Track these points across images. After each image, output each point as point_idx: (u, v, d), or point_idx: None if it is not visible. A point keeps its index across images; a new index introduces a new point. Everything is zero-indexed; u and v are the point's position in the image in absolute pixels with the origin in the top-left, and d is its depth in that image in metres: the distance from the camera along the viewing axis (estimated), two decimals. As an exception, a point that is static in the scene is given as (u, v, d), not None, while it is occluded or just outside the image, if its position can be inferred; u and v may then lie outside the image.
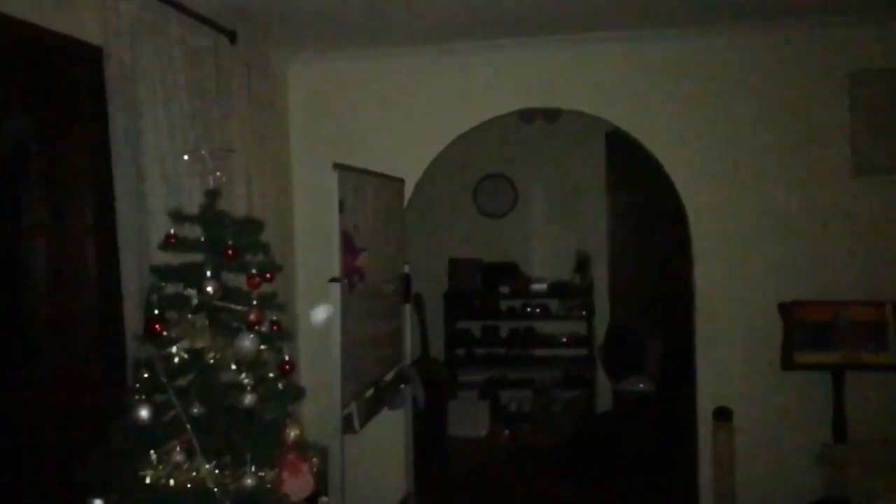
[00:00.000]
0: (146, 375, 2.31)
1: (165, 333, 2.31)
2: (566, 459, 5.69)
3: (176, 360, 2.31)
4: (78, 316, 2.82)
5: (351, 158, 3.75)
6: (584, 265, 6.66)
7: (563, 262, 6.77)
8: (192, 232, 2.53)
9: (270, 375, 2.44)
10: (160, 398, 2.30)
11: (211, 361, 2.35)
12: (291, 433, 2.40)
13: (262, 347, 2.43)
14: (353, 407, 3.52)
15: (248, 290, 2.47)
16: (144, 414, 2.24)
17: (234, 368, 2.35)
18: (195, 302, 2.41)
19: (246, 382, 2.33)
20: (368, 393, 3.81)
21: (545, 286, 6.65)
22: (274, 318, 2.55)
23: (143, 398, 2.27)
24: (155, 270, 2.47)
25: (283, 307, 2.63)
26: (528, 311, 6.78)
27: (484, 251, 6.87)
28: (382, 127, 4.53)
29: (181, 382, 2.33)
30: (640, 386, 5.82)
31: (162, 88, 2.98)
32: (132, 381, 2.40)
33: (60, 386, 2.77)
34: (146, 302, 2.39)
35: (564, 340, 6.76)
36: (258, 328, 2.43)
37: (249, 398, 2.32)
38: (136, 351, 2.52)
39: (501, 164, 6.93)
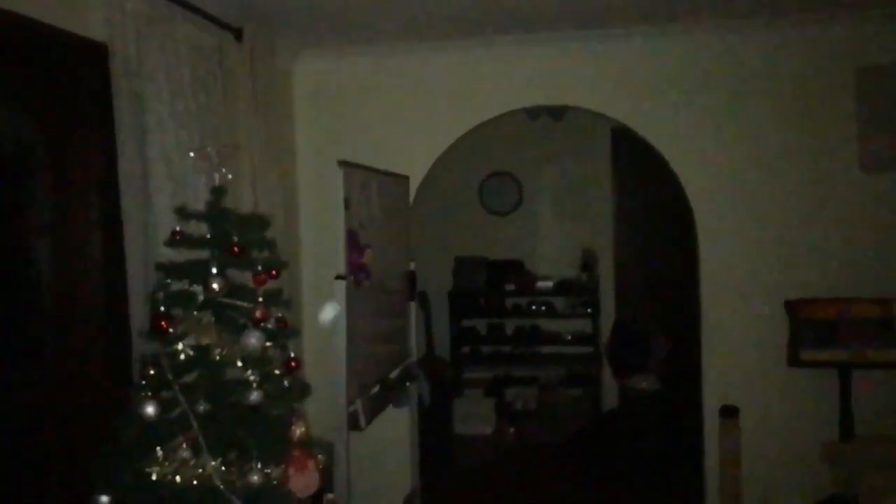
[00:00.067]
0: (152, 372, 2.31)
1: (171, 330, 2.30)
2: (572, 457, 5.70)
3: (182, 356, 2.31)
4: (83, 313, 2.81)
5: (356, 156, 3.75)
6: (589, 263, 6.65)
7: (568, 259, 6.77)
8: (197, 229, 2.54)
9: (276, 372, 2.44)
10: (166, 395, 2.30)
11: (217, 358, 2.35)
12: (297, 430, 2.40)
13: (267, 344, 2.42)
14: (358, 404, 3.52)
15: (253, 286, 2.47)
16: (150, 410, 2.24)
17: (239, 365, 2.35)
18: (201, 299, 2.41)
19: (252, 379, 2.33)
20: (374, 390, 3.81)
21: (551, 284, 6.65)
22: (280, 314, 2.55)
23: (149, 395, 2.27)
24: (161, 267, 2.48)
25: (288, 304, 2.63)
26: (533, 308, 6.78)
27: (489, 249, 6.86)
28: (387, 124, 4.53)
29: (187, 379, 2.33)
30: (645, 384, 5.82)
31: (167, 86, 2.99)
32: (138, 378, 2.40)
33: (66, 383, 2.77)
34: (152, 299, 2.40)
35: (570, 338, 6.77)
36: (264, 325, 2.43)
37: (255, 395, 2.31)
38: (142, 348, 2.52)
39: (507, 161, 6.93)
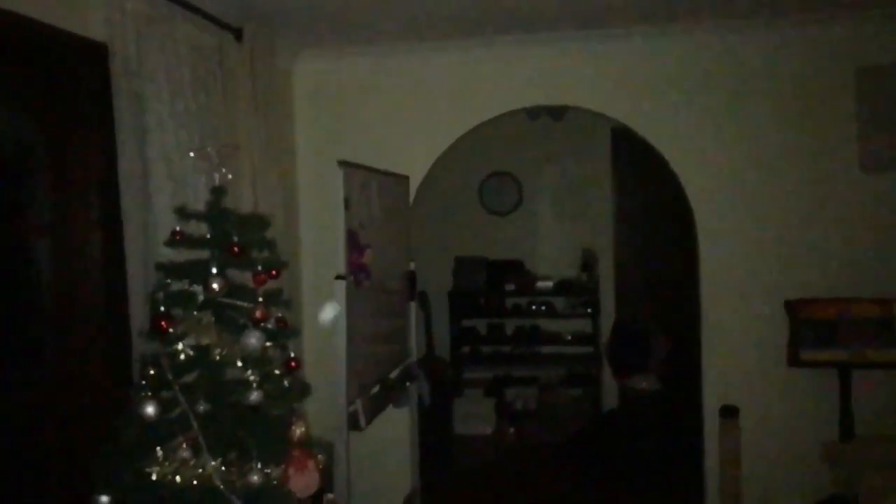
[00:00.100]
0: (152, 372, 2.30)
1: (171, 330, 2.30)
2: (572, 457, 5.70)
3: (182, 356, 2.31)
4: (83, 313, 2.81)
5: (356, 156, 3.75)
6: (589, 263, 6.65)
7: (568, 259, 6.77)
8: (197, 229, 2.54)
9: (276, 372, 2.44)
10: (166, 395, 2.30)
11: (217, 358, 2.35)
12: (297, 430, 2.40)
13: (267, 344, 2.42)
14: (358, 404, 3.52)
15: (253, 286, 2.47)
16: (150, 410, 2.24)
17: (239, 365, 2.35)
18: (201, 299, 2.41)
19: (252, 379, 2.33)
20: (374, 390, 3.81)
21: (551, 284, 6.65)
22: (279, 314, 2.55)
23: (149, 395, 2.27)
24: (161, 267, 2.48)
25: (288, 304, 2.64)
26: (533, 308, 6.79)
27: (489, 249, 6.87)
28: (387, 124, 4.54)
29: (187, 379, 2.33)
30: (645, 384, 5.82)
31: (168, 86, 2.99)
32: (138, 378, 2.40)
33: (66, 383, 2.77)
34: (152, 299, 2.40)
35: (570, 338, 6.77)
36: (264, 325, 2.43)
37: (255, 395, 2.31)
38: (142, 348, 2.52)
39: (507, 161, 6.93)
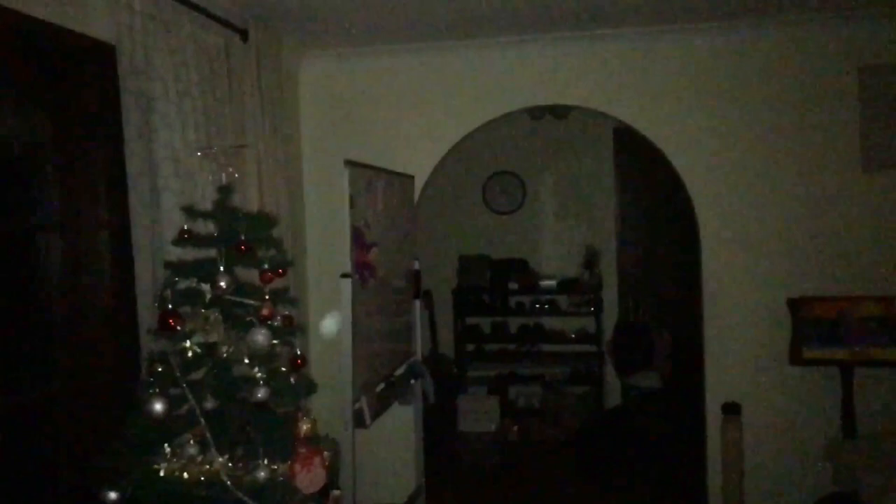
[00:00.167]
0: (160, 369, 2.32)
1: (179, 328, 2.32)
2: (575, 455, 5.71)
3: (189, 354, 2.32)
4: (92, 311, 2.84)
5: (361, 155, 3.77)
6: (592, 261, 6.66)
7: (571, 258, 6.79)
8: (205, 227, 2.56)
9: (283, 369, 2.45)
10: (174, 392, 2.31)
11: (224, 355, 2.37)
12: (303, 427, 2.41)
13: (274, 342, 2.43)
14: (363, 401, 3.54)
15: (260, 284, 2.49)
16: (159, 407, 2.25)
17: (246, 362, 2.37)
18: (208, 297, 2.42)
19: (259, 376, 2.34)
20: (379, 388, 3.83)
21: (554, 282, 6.67)
22: (286, 312, 2.56)
23: (157, 392, 2.28)
24: (169, 266, 2.50)
25: (295, 302, 2.65)
26: (536, 307, 6.81)
27: (493, 248, 6.89)
28: (392, 124, 4.56)
29: (195, 376, 2.34)
30: (648, 381, 5.83)
31: (175, 86, 3.00)
32: (146, 375, 2.42)
33: (74, 380, 2.80)
34: (160, 297, 2.41)
35: (573, 336, 6.79)
36: (271, 322, 2.44)
37: (262, 392, 2.33)
38: (150, 345, 2.54)
39: (510, 161, 6.95)
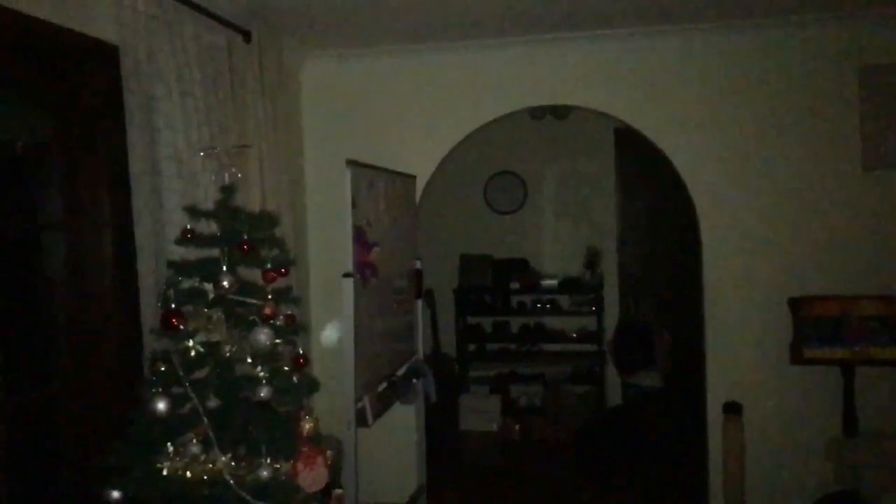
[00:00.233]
0: (163, 368, 2.33)
1: (182, 327, 2.33)
2: (576, 453, 5.71)
3: (192, 353, 2.33)
4: (95, 310, 2.84)
5: (363, 155, 3.77)
6: (593, 261, 6.67)
7: (572, 257, 6.80)
8: (207, 227, 2.57)
9: (285, 369, 2.46)
10: (177, 391, 2.32)
11: (227, 354, 2.38)
12: (306, 426, 2.43)
13: (276, 341, 2.44)
14: (366, 400, 3.55)
15: (263, 284, 2.50)
16: (162, 406, 2.26)
17: (249, 362, 2.38)
18: (211, 296, 2.43)
19: (261, 375, 2.35)
20: (381, 387, 3.84)
21: (555, 282, 6.68)
22: (288, 311, 2.57)
23: (160, 391, 2.30)
24: (171, 265, 2.51)
25: (297, 301, 2.66)
26: (538, 306, 6.82)
27: (494, 247, 6.90)
28: (394, 124, 4.56)
29: (198, 375, 2.35)
30: (649, 381, 5.84)
31: (177, 86, 3.01)
32: (148, 374, 2.43)
33: (77, 379, 2.80)
34: (163, 296, 2.42)
35: (574, 336, 6.80)
36: (273, 322, 2.46)
37: (265, 391, 2.34)
38: (153, 344, 2.55)
39: (511, 160, 6.96)
